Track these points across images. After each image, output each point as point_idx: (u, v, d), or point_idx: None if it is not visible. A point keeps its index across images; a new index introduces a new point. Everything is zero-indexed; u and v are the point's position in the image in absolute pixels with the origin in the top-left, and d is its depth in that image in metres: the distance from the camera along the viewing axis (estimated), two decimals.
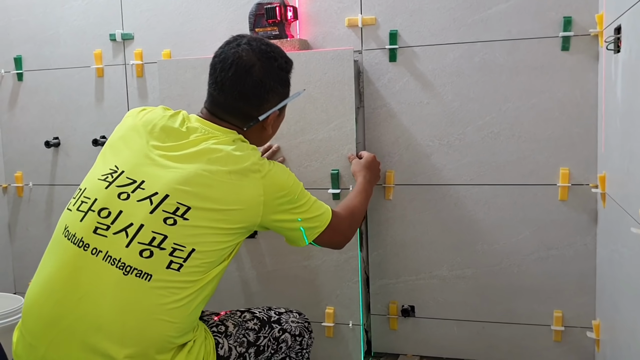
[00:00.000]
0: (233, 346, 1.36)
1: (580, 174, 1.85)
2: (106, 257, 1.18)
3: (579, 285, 1.89)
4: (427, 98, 1.95)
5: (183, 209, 1.20)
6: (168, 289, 1.18)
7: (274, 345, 1.45)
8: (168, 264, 1.18)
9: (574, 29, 1.80)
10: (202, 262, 1.21)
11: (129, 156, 1.29)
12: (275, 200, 1.30)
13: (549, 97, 1.85)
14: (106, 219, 1.21)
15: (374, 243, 2.06)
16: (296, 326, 1.50)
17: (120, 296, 1.16)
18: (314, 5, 2.03)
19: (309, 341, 1.54)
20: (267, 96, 1.37)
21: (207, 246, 1.22)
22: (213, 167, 1.24)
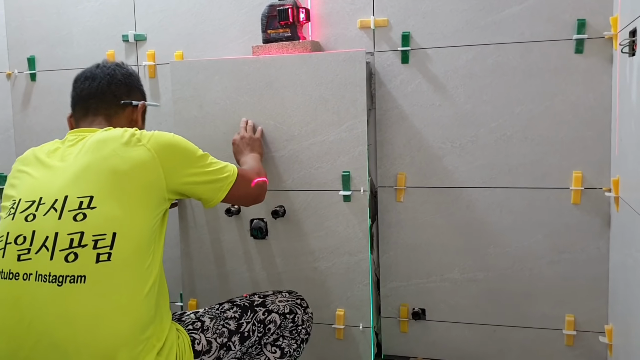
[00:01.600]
0: (212, 339, 1.36)
1: (593, 177, 1.84)
2: (37, 277, 1.17)
3: (591, 289, 1.87)
4: (440, 100, 1.94)
5: (86, 200, 1.21)
6: (107, 282, 1.16)
7: (260, 328, 1.45)
8: (96, 259, 1.17)
9: (588, 32, 1.79)
10: (131, 243, 1.20)
11: (20, 185, 1.31)
12: (172, 160, 1.33)
13: (562, 100, 1.84)
14: (24, 244, 1.21)
15: (384, 245, 2.05)
16: (284, 305, 1.50)
17: (63, 308, 1.15)
18: (326, 7, 2.03)
19: (303, 317, 1.54)
20: (133, 86, 1.55)
21: (126, 225, 1.21)
22: (97, 153, 1.27)
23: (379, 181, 2.03)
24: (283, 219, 1.94)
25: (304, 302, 1.57)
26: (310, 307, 1.62)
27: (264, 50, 1.95)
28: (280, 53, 1.92)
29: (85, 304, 1.15)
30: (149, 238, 1.25)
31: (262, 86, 1.90)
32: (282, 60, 1.88)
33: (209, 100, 1.95)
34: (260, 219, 1.95)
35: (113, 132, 1.33)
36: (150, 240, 1.26)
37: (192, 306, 2.06)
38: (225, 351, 1.38)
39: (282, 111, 1.89)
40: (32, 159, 1.36)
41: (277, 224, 1.95)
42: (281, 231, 1.95)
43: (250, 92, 1.92)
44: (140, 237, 1.23)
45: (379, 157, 2.02)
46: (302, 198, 1.92)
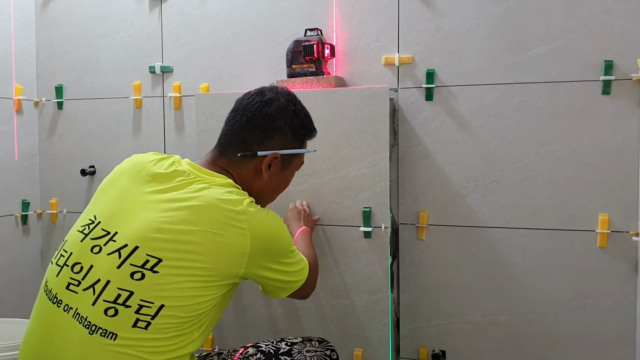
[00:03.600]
0: None
1: (620, 220, 1.80)
2: (75, 315, 1.15)
3: (618, 337, 1.82)
4: (464, 138, 1.93)
5: (153, 261, 1.14)
6: (135, 347, 1.12)
7: None
8: (134, 323, 1.12)
9: (616, 73, 1.77)
10: (174, 318, 1.14)
11: (109, 204, 1.25)
12: (262, 254, 1.23)
13: (589, 141, 1.81)
14: (78, 274, 1.18)
15: (405, 284, 2.02)
16: (312, 355, 1.40)
17: (86, 355, 1.13)
18: (351, 43, 2.04)
19: None
20: (273, 133, 1.33)
21: (178, 301, 1.14)
22: (194, 215, 1.17)
23: (401, 218, 2.01)
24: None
25: (334, 354, 1.45)
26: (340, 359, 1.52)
27: (288, 84, 1.96)
28: (304, 88, 1.93)
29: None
30: (197, 312, 1.18)
31: None
32: (305, 94, 1.88)
33: None
34: None
35: (224, 197, 1.20)
36: (198, 312, 1.18)
37: (208, 340, 2.03)
38: None
39: None
40: (142, 170, 1.28)
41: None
42: None
43: None
44: (188, 312, 1.16)
45: (401, 193, 2.00)
46: (322, 233, 1.90)
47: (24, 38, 2.45)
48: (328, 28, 2.06)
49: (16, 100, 2.41)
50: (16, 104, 2.42)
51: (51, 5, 2.46)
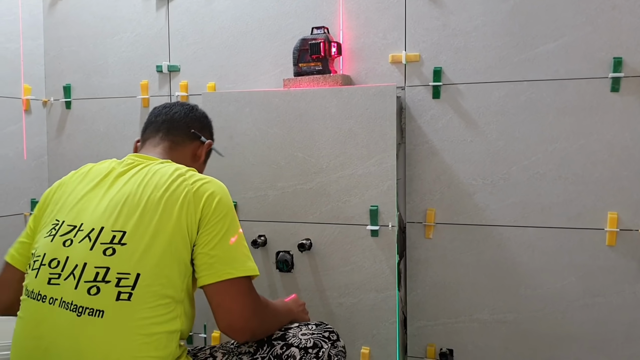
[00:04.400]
0: None
1: (629, 218, 1.78)
2: (61, 304, 1.17)
3: (627, 335, 1.80)
4: (471, 136, 1.92)
5: (119, 235, 1.20)
6: (123, 321, 1.14)
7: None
8: (117, 296, 1.15)
9: (625, 70, 1.76)
10: (153, 288, 1.16)
11: (66, 207, 1.31)
12: (208, 215, 1.25)
13: (598, 138, 1.80)
14: (56, 268, 1.21)
15: (412, 283, 2.02)
16: (308, 338, 1.38)
17: (76, 338, 1.15)
18: (358, 41, 2.04)
19: (331, 351, 1.39)
20: (206, 126, 1.58)
21: (152, 270, 1.17)
22: (142, 186, 1.26)
23: (408, 217, 2.01)
24: (309, 252, 1.92)
25: (333, 335, 1.41)
26: (342, 340, 1.46)
27: (295, 83, 1.96)
28: (311, 86, 1.93)
29: (98, 339, 1.15)
30: (178, 287, 1.20)
31: (292, 118, 1.91)
32: (312, 93, 1.88)
33: (239, 131, 1.96)
34: (286, 251, 1.93)
35: (166, 168, 1.31)
36: (180, 289, 1.21)
37: (215, 338, 2.04)
38: None
39: (311, 144, 1.89)
40: (88, 175, 1.38)
41: (303, 257, 1.93)
42: (307, 265, 1.93)
43: (280, 124, 1.92)
44: (167, 284, 1.19)
45: (408, 192, 2.00)
46: (328, 231, 1.90)
47: (32, 38, 2.47)
48: (335, 26, 2.05)
49: (25, 100, 2.43)
50: (25, 103, 2.43)
51: (59, 6, 2.47)
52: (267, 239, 1.96)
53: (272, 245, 1.96)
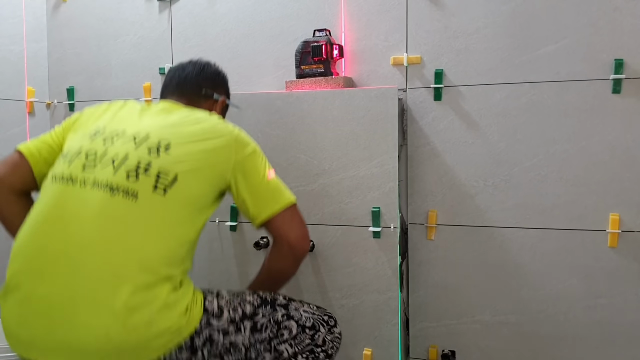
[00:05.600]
0: (225, 307, 1.32)
1: (631, 220, 1.79)
2: (93, 184, 1.21)
3: (629, 337, 1.80)
4: (472, 138, 1.92)
5: (165, 143, 1.29)
6: (154, 210, 1.22)
7: (274, 329, 1.35)
8: (154, 186, 1.23)
9: (626, 72, 1.76)
10: (186, 193, 1.26)
11: (110, 119, 1.38)
12: (244, 155, 1.37)
13: (599, 140, 1.80)
14: (93, 158, 1.26)
15: (414, 284, 2.02)
16: (308, 317, 1.40)
17: (105, 214, 1.19)
18: (359, 44, 2.04)
19: (326, 336, 1.40)
20: (219, 84, 1.64)
21: (189, 175, 1.27)
22: (184, 117, 1.38)
23: (410, 218, 2.01)
24: (311, 253, 1.92)
25: (331, 320, 1.43)
26: (339, 327, 1.46)
27: (297, 85, 1.96)
28: (313, 88, 1.93)
29: (127, 218, 1.19)
30: (202, 202, 1.30)
31: (294, 120, 1.91)
32: (314, 95, 1.89)
33: None
34: None
35: (209, 116, 1.43)
36: (203, 205, 1.31)
37: None
38: (235, 329, 1.31)
39: (313, 145, 1.90)
40: (126, 105, 1.45)
41: (305, 258, 1.93)
42: (309, 266, 1.93)
43: (282, 126, 1.93)
44: (198, 195, 1.29)
45: (410, 193, 2.00)
46: (331, 233, 1.90)
47: (35, 41, 2.48)
48: (336, 29, 2.06)
49: (28, 102, 2.44)
50: (28, 106, 2.44)
51: (62, 9, 2.48)
52: (269, 240, 1.97)
53: None
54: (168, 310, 1.20)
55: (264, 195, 1.38)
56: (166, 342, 1.20)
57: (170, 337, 1.20)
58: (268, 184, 1.39)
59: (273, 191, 1.40)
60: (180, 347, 1.23)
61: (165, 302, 1.19)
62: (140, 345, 1.16)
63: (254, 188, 1.38)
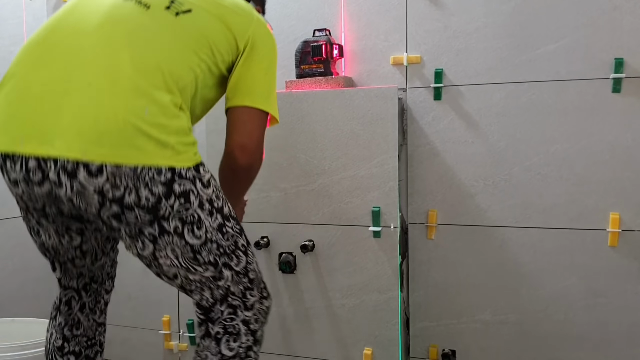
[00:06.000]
0: (213, 185, 1.25)
1: (631, 219, 1.79)
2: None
3: (629, 336, 1.80)
4: (472, 137, 1.92)
5: None
6: (164, 25, 1.20)
7: (232, 246, 1.25)
8: (167, 6, 1.21)
9: (626, 71, 1.76)
10: (198, 23, 1.23)
11: None
12: (258, 41, 1.31)
13: (599, 139, 1.80)
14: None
15: (414, 284, 2.02)
16: (255, 270, 1.30)
17: (114, 13, 1.19)
18: (359, 43, 2.04)
19: (256, 303, 1.29)
20: None
21: (204, 14, 1.24)
22: None
23: (410, 218, 2.01)
24: (312, 253, 1.93)
25: (265, 292, 1.33)
26: (270, 302, 1.34)
27: (297, 85, 1.96)
28: (313, 88, 1.94)
29: (133, 22, 1.19)
30: (214, 50, 1.26)
31: (294, 120, 1.91)
32: (314, 95, 1.89)
33: None
34: (289, 252, 1.94)
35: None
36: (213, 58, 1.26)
37: None
38: (209, 211, 1.21)
39: (313, 145, 1.90)
40: None
41: (305, 258, 1.94)
42: (309, 266, 1.94)
43: (283, 126, 1.92)
44: (209, 34, 1.24)
45: (410, 193, 2.00)
46: (331, 233, 1.91)
47: None
48: (336, 28, 2.06)
49: None
50: None
51: None
52: (269, 240, 1.97)
53: (274, 247, 1.97)
54: (165, 117, 1.14)
55: (249, 84, 1.32)
56: (152, 153, 1.12)
57: (157, 150, 1.12)
58: (262, 78, 1.33)
59: (259, 87, 1.32)
60: (160, 172, 1.13)
61: (163, 108, 1.14)
62: (125, 137, 1.10)
63: (248, 72, 1.31)
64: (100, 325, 1.49)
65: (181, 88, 1.19)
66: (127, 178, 1.10)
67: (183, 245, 1.18)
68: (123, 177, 1.10)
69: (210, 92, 1.32)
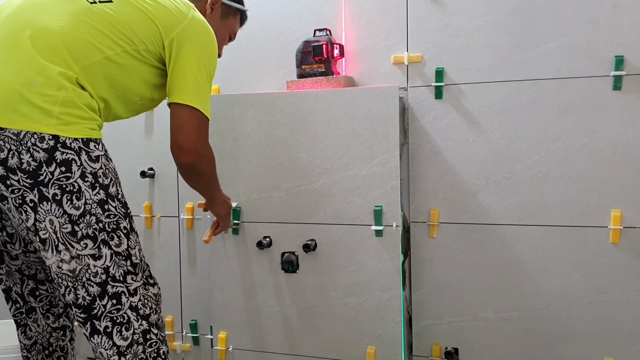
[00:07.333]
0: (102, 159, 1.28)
1: (632, 216, 1.79)
2: None
3: (632, 332, 1.81)
4: (474, 136, 1.93)
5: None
6: (73, 10, 1.27)
7: (113, 224, 1.26)
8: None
9: (626, 68, 1.76)
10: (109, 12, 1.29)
11: None
12: (187, 39, 1.35)
13: (600, 137, 1.80)
14: None
15: (417, 282, 2.02)
16: (137, 255, 1.30)
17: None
18: (360, 43, 2.05)
19: (140, 289, 1.29)
20: None
21: (120, 7, 1.31)
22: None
23: (412, 216, 2.02)
24: (314, 252, 1.93)
25: (151, 279, 1.34)
26: (157, 290, 1.35)
27: (298, 85, 1.97)
28: (314, 88, 1.94)
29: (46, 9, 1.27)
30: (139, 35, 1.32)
31: (295, 120, 1.92)
32: (315, 94, 1.90)
33: (243, 133, 1.98)
34: (291, 252, 1.95)
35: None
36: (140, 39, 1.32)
37: (221, 339, 2.05)
38: (91, 183, 1.24)
39: (314, 145, 1.90)
40: None
41: (307, 257, 1.94)
42: (312, 265, 1.94)
43: (284, 126, 1.93)
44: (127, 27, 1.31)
45: (412, 192, 2.01)
46: (333, 232, 1.91)
47: None
48: (337, 28, 2.06)
49: None
50: None
51: None
52: (272, 240, 1.97)
53: (277, 247, 1.97)
54: (49, 88, 1.20)
55: (179, 82, 1.37)
56: (35, 120, 1.19)
57: (41, 118, 1.19)
58: (191, 75, 1.37)
59: (188, 84, 1.37)
60: (42, 139, 1.19)
61: (49, 79, 1.20)
62: (10, 103, 1.18)
63: (175, 70, 1.37)
64: (56, 330, 1.47)
65: (84, 66, 1.26)
66: (10, 142, 1.18)
67: (61, 215, 1.20)
68: (6, 140, 1.18)
69: (136, 78, 1.37)
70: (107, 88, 1.32)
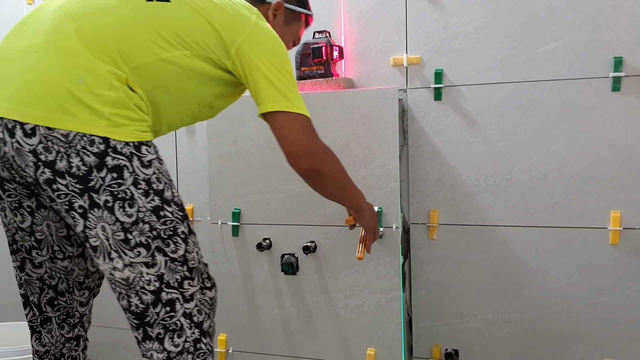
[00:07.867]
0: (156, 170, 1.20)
1: (632, 217, 1.79)
2: None
3: (631, 334, 1.81)
4: (473, 137, 1.93)
5: None
6: (127, 7, 1.21)
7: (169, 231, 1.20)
8: None
9: (625, 70, 1.77)
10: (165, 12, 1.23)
11: None
12: (257, 47, 1.28)
13: (599, 138, 1.81)
14: None
15: (417, 283, 2.03)
16: (195, 258, 1.24)
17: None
18: (359, 45, 2.05)
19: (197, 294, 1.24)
20: None
21: (177, 8, 1.24)
22: None
23: (412, 218, 2.02)
24: (314, 254, 1.93)
25: (208, 282, 1.29)
26: (214, 293, 1.31)
27: (298, 86, 1.96)
28: (314, 90, 1.94)
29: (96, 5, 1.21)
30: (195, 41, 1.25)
31: None
32: (315, 96, 1.90)
33: (242, 135, 1.98)
34: (291, 254, 1.95)
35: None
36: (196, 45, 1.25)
37: (221, 342, 2.05)
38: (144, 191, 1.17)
39: None
40: None
41: (307, 259, 1.94)
42: (312, 267, 1.94)
43: None
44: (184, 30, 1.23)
45: (412, 193, 2.01)
46: (333, 234, 1.91)
47: None
48: (336, 30, 2.07)
49: None
50: None
51: None
52: (272, 242, 1.97)
53: (277, 248, 1.97)
54: (99, 87, 1.13)
55: (260, 93, 1.31)
56: (84, 121, 1.12)
57: (90, 119, 1.12)
58: (268, 82, 1.30)
59: (269, 92, 1.31)
60: (92, 141, 1.12)
61: (99, 77, 1.14)
62: (58, 101, 1.12)
63: (251, 81, 1.30)
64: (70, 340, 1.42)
65: (134, 67, 1.18)
66: (59, 143, 1.11)
67: (113, 222, 1.14)
68: (54, 141, 1.11)
69: (195, 83, 1.30)
70: (160, 92, 1.24)
